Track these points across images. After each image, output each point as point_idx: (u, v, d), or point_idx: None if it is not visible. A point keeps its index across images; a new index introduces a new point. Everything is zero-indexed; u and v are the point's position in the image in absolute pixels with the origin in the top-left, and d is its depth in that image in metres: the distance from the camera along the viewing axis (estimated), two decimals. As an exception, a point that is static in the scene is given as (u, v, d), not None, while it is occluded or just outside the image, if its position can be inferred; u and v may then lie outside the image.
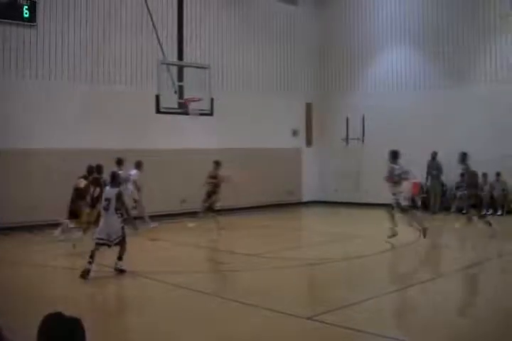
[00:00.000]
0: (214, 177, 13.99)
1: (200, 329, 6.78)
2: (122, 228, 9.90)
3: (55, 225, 15.05)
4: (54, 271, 10.12)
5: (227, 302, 7.94)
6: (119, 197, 9.82)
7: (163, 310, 7.88)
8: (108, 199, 9.74)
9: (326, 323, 6.62)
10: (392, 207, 13.03)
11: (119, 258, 9.80)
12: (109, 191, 9.91)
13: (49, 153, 15.22)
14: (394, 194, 13.01)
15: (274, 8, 21.42)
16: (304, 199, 21.93)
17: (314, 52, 22.88)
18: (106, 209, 9.70)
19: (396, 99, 20.46)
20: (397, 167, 13.15)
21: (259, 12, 20.97)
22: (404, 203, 12.96)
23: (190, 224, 14.85)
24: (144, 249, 12.26)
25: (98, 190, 12.12)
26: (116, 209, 9.75)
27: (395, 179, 12.95)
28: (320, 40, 22.90)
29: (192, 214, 15.15)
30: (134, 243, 13.30)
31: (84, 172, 13.49)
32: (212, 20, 19.43)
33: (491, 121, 17.92)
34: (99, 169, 12.67)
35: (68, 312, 2.62)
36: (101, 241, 9.58)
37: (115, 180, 10.09)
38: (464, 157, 13.69)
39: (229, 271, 10.22)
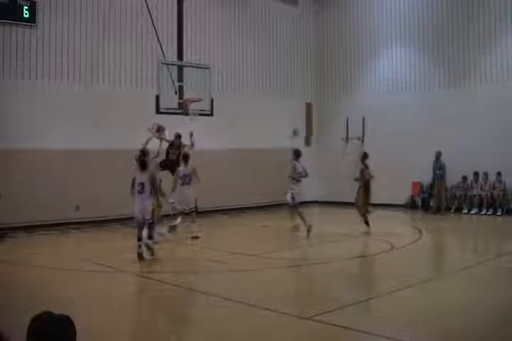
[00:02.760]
0: (177, 148, 14.20)
1: (199, 329, 6.79)
2: (152, 211, 11.11)
3: (55, 225, 15.10)
4: (54, 271, 10.12)
5: (225, 302, 7.93)
6: (152, 180, 10.96)
7: (162, 310, 7.89)
8: (141, 184, 10.78)
9: (326, 323, 6.62)
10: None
11: (150, 237, 11.05)
12: (141, 175, 10.90)
13: (48, 153, 15.22)
14: (291, 189, 14.07)
15: (275, 8, 21.43)
16: (303, 200, 21.88)
17: (314, 51, 22.89)
18: (140, 192, 10.78)
19: (396, 99, 20.46)
20: (299, 165, 14.12)
21: (259, 12, 20.99)
22: (292, 201, 13.99)
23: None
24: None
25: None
26: (150, 192, 10.92)
27: (295, 176, 14.03)
28: (320, 40, 22.92)
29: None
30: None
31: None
32: (212, 20, 19.45)
33: (493, 121, 17.92)
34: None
35: (66, 312, 2.62)
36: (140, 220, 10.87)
37: (145, 165, 10.97)
38: (364, 156, 14.88)
39: (227, 271, 10.21)
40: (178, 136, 14.47)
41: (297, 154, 14.36)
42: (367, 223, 14.29)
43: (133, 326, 6.85)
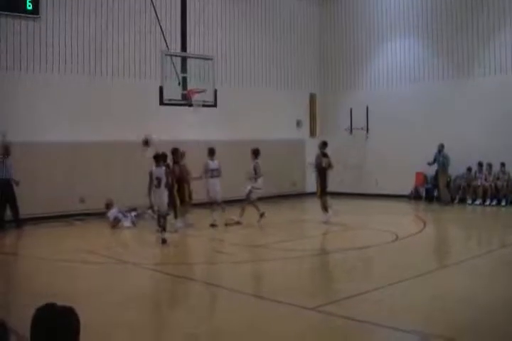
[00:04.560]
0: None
1: (203, 318, 6.82)
2: (168, 204, 11.93)
3: (59, 217, 15.15)
4: (58, 263, 10.16)
5: (230, 293, 7.98)
6: (167, 174, 11.80)
7: (166, 302, 7.93)
8: (158, 178, 11.52)
9: (331, 314, 6.65)
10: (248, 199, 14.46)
11: (164, 229, 11.68)
12: (157, 170, 11.64)
13: (52, 145, 15.23)
14: (253, 187, 14.45)
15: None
16: (308, 190, 21.88)
17: (318, 42, 22.82)
18: (157, 186, 11.53)
19: (400, 89, 20.41)
20: (259, 163, 14.50)
21: (262, 3, 20.90)
22: (247, 194, 14.45)
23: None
24: (148, 241, 12.30)
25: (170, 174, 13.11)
26: (166, 186, 11.75)
27: (257, 175, 14.46)
28: (323, 31, 22.83)
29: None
30: (138, 235, 13.40)
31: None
32: (216, 11, 19.39)
33: (496, 111, 17.86)
34: (165, 156, 13.37)
35: (72, 304, 2.64)
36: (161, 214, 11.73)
37: (159, 160, 11.81)
38: (323, 145, 15.19)
39: (233, 263, 10.25)
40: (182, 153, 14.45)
41: (256, 153, 14.55)
42: (325, 209, 14.67)
43: (135, 318, 6.87)
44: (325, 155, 14.99)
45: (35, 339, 2.51)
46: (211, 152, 14.40)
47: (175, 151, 13.87)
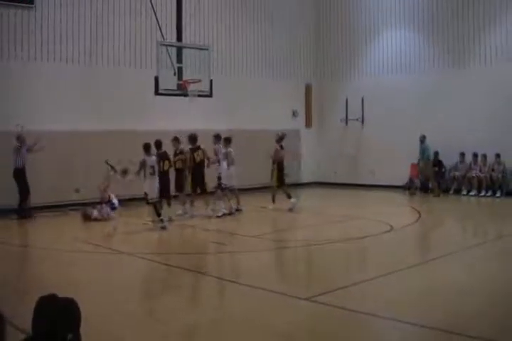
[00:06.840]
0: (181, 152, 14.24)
1: (197, 308, 6.85)
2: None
3: (55, 207, 15.13)
4: (54, 253, 10.16)
5: (224, 283, 8.02)
6: (158, 162, 12.63)
7: (162, 291, 7.94)
8: (152, 167, 12.37)
9: (324, 304, 6.68)
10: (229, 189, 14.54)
11: (159, 215, 12.35)
12: (151, 159, 12.42)
13: (49, 135, 15.16)
14: (220, 173, 14.37)
15: (274, -12, 21.24)
16: (303, 181, 21.92)
17: (313, 33, 22.73)
18: (152, 174, 12.39)
19: (396, 79, 20.37)
20: (232, 150, 14.62)
21: (258, -8, 20.80)
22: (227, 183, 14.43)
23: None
24: (144, 230, 12.32)
25: (167, 162, 13.29)
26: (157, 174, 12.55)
27: (231, 162, 14.54)
28: (319, 21, 22.75)
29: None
30: (133, 224, 13.40)
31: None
32: (211, 1, 19.29)
33: (492, 101, 17.83)
34: (158, 144, 13.23)
35: (72, 295, 2.66)
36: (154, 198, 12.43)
37: (148, 149, 12.47)
38: (280, 137, 15.49)
39: (227, 252, 10.28)
40: (176, 140, 14.36)
41: (228, 140, 14.65)
42: (289, 196, 15.06)
43: (131, 308, 6.89)
44: (282, 147, 15.32)
45: (37, 329, 2.53)
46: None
47: (192, 137, 14.07)
